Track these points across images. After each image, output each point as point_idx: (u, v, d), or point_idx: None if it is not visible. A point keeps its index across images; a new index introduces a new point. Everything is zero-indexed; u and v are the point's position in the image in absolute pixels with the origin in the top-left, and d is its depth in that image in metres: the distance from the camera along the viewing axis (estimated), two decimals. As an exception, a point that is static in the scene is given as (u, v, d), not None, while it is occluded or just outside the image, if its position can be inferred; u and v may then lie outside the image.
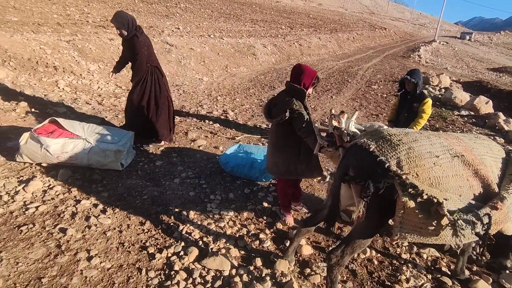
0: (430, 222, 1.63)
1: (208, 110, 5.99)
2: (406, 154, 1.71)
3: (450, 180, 1.72)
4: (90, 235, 2.44)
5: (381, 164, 1.68)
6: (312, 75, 2.52)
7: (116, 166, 3.36)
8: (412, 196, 1.59)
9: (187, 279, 2.16)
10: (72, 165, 3.27)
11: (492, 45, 41.13)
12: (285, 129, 2.56)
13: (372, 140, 1.82)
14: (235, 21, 19.91)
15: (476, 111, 7.19)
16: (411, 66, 16.77)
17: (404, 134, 1.85)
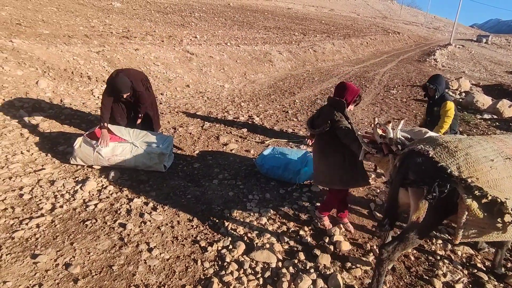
0: (494, 221, 1.78)
1: (234, 115, 6.23)
2: (465, 160, 1.85)
3: (506, 181, 1.85)
4: (147, 229, 2.67)
5: (442, 169, 1.82)
6: (355, 93, 2.71)
7: (160, 167, 3.60)
8: (476, 198, 1.73)
9: (239, 269, 2.35)
10: (120, 167, 3.53)
11: (510, 47, 40.25)
12: (329, 139, 2.71)
13: (430, 146, 1.96)
14: (249, 29, 20.31)
15: (499, 115, 7.17)
16: (428, 70, 16.69)
17: (458, 141, 1.99)
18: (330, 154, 2.78)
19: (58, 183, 3.14)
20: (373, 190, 3.77)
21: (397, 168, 2.10)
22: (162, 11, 18.68)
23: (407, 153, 2.10)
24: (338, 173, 2.76)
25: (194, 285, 2.17)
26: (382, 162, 2.40)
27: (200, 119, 5.77)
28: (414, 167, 1.98)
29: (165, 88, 7.73)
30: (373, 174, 4.11)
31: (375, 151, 2.41)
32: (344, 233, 2.94)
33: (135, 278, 2.16)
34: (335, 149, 2.74)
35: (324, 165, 2.82)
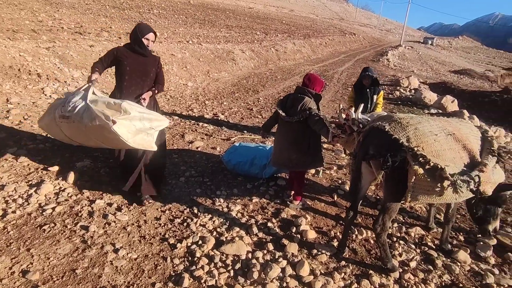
0: (436, 184, 2.08)
1: (199, 113, 6.17)
2: (414, 133, 2.18)
3: (447, 152, 2.18)
4: (112, 230, 2.58)
5: (395, 141, 2.13)
6: (321, 84, 3.13)
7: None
8: (421, 164, 2.04)
9: (209, 263, 2.36)
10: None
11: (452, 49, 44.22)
12: (299, 127, 3.01)
13: (386, 122, 2.28)
14: (211, 27, 20.12)
15: (444, 109, 7.89)
16: (381, 69, 17.79)
17: (410, 118, 2.34)
18: (299, 141, 3.06)
19: (9, 188, 2.90)
20: (335, 181, 3.97)
21: (360, 143, 2.37)
22: (118, 6, 17.80)
23: (368, 129, 2.43)
24: (303, 157, 3.07)
25: (165, 282, 2.15)
26: (348, 142, 2.69)
27: (163, 117, 5.63)
28: (373, 141, 2.25)
29: (125, 87, 7.41)
30: (335, 167, 4.33)
31: (339, 131, 2.81)
32: (310, 222, 3.07)
33: (101, 280, 2.08)
34: (304, 137, 3.04)
35: (293, 151, 3.07)
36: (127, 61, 2.87)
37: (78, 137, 2.92)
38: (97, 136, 2.71)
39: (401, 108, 8.28)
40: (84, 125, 2.62)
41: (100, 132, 2.61)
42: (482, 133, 2.62)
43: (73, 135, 2.91)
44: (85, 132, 2.73)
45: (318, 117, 2.89)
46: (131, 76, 2.92)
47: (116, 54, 2.87)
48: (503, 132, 6.52)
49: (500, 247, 2.94)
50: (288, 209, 3.23)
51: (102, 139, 2.72)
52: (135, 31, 2.89)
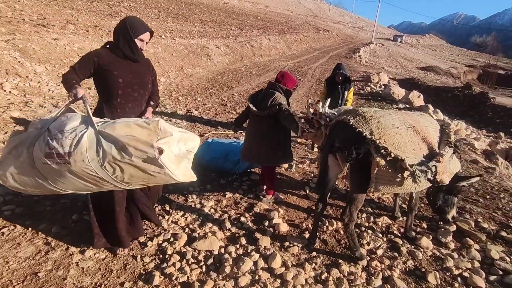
0: (396, 175, 2.18)
1: (172, 109, 6.05)
2: (376, 126, 2.26)
3: (407, 144, 2.29)
4: (77, 230, 2.48)
5: (359, 134, 2.21)
6: (294, 82, 3.20)
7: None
8: (383, 156, 2.14)
9: (181, 260, 2.34)
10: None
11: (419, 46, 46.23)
12: (269, 122, 3.04)
13: (351, 116, 2.36)
14: (185, 22, 19.73)
15: (411, 104, 8.27)
16: (354, 65, 18.28)
17: (373, 112, 2.43)
18: (269, 136, 3.09)
19: (-37, 190, 2.71)
20: (307, 175, 4.05)
21: (326, 137, 2.44)
22: (85, -2, 16.97)
23: (334, 123, 2.51)
24: (273, 153, 3.11)
25: (134, 281, 2.10)
26: (317, 136, 2.76)
27: (134, 114, 5.47)
28: (339, 134, 2.32)
29: (93, 82, 7.10)
30: (307, 161, 4.41)
31: (307, 126, 2.86)
32: (283, 215, 3.12)
33: (66, 282, 2.00)
34: (274, 132, 3.07)
35: (263, 145, 3.10)
36: (117, 70, 2.09)
37: (78, 184, 1.82)
38: (121, 177, 1.78)
39: (371, 103, 8.57)
40: (100, 164, 1.70)
41: (129, 170, 1.74)
42: (441, 126, 2.78)
43: (71, 183, 1.80)
44: (96, 175, 1.75)
45: (288, 112, 2.93)
46: (125, 90, 2.15)
47: (97, 61, 2.04)
48: (464, 125, 6.94)
49: (459, 233, 3.13)
50: (261, 203, 3.26)
51: (130, 179, 1.80)
52: (124, 28, 2.10)
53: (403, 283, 2.35)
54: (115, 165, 1.71)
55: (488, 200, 3.81)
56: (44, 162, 1.72)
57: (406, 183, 2.24)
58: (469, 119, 9.59)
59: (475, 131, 7.99)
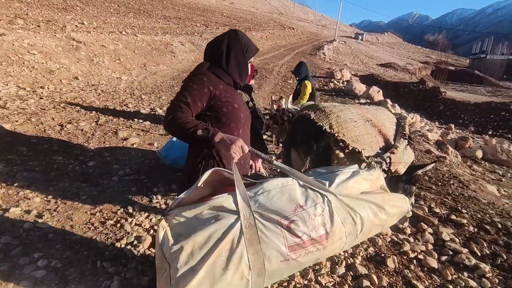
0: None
1: (134, 109, 5.83)
2: (336, 120, 2.35)
3: (365, 137, 2.41)
4: (30, 240, 2.31)
5: (319, 128, 2.27)
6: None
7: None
8: (341, 148, 2.23)
9: (145, 263, 2.27)
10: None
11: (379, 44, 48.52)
12: None
13: (311, 111, 2.39)
14: (147, 17, 19.06)
15: (371, 99, 8.67)
16: (318, 62, 18.79)
17: (333, 106, 2.53)
18: None
19: None
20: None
21: (289, 131, 2.50)
22: (35, -10, 15.76)
23: (296, 118, 2.57)
24: None
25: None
26: (281, 132, 2.81)
27: (94, 114, 5.19)
28: (300, 129, 2.37)
29: (46, 81, 6.65)
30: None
31: (271, 122, 2.90)
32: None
33: (17, 295, 1.86)
34: None
35: None
36: (236, 102, 1.61)
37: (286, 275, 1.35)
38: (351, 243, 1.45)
39: (334, 98, 8.86)
40: (356, 235, 1.36)
41: (373, 231, 1.49)
42: (397, 119, 2.95)
43: (284, 275, 1.32)
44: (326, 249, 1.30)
45: (251, 109, 2.95)
46: (244, 126, 1.69)
47: (214, 91, 1.51)
48: (419, 118, 7.41)
49: (414, 218, 3.35)
50: (228, 200, 3.25)
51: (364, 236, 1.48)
52: (239, 47, 1.61)
53: (365, 269, 2.47)
54: (368, 231, 1.39)
55: (439, 186, 4.11)
56: (284, 258, 1.17)
57: None
58: (424, 112, 10.26)
59: (429, 123, 8.57)
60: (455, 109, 9.88)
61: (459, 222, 3.24)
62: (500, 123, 8.71)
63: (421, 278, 2.45)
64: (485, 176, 5.19)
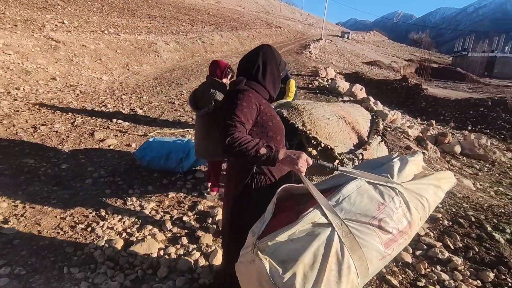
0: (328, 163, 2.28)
1: (113, 109, 5.71)
2: (308, 118, 2.37)
3: (338, 134, 2.44)
4: (-7, 247, 2.23)
5: (292, 126, 2.25)
6: (223, 67, 3.01)
7: None
8: (314, 146, 2.24)
9: (114, 267, 2.22)
10: None
11: (365, 42, 49.12)
12: (211, 118, 2.95)
13: (284, 109, 2.37)
14: (131, 17, 18.77)
15: (354, 96, 8.75)
16: (304, 61, 18.85)
17: (306, 104, 2.51)
18: (213, 132, 2.99)
19: None
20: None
21: None
22: (13, -11, 15.31)
23: None
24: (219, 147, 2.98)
25: (59, 295, 1.94)
26: None
27: (70, 115, 5.06)
28: None
29: (22, 82, 6.45)
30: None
31: None
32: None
33: (-25, 306, 1.79)
34: (216, 127, 2.96)
35: (209, 140, 3.02)
36: (277, 115, 1.64)
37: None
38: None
39: (318, 96, 8.90)
40: (425, 217, 1.42)
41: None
42: (372, 116, 2.98)
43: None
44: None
45: None
46: (284, 142, 1.71)
47: (259, 107, 1.50)
48: (400, 115, 7.52)
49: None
50: (205, 200, 3.21)
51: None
52: (275, 62, 1.60)
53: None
54: (432, 209, 1.46)
55: (417, 182, 4.16)
56: (382, 256, 1.20)
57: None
58: (406, 109, 10.42)
59: (411, 120, 8.72)
60: (436, 105, 10.08)
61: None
62: (479, 119, 8.94)
63: (395, 273, 2.47)
64: (463, 170, 5.31)
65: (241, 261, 1.21)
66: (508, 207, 3.63)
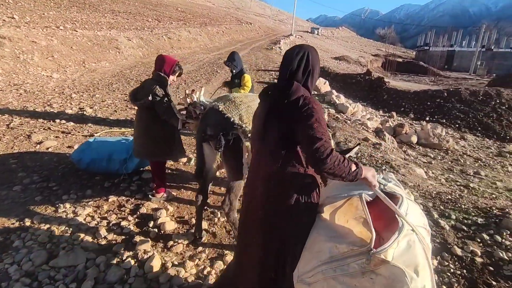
0: None
1: (59, 109, 5.30)
2: (245, 111, 2.20)
3: None
4: None
5: (228, 120, 2.11)
6: (172, 63, 2.83)
7: None
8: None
9: (31, 284, 1.98)
10: None
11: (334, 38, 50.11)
12: (150, 113, 2.79)
13: (221, 102, 2.26)
14: (92, 12, 17.83)
15: (318, 90, 8.78)
16: (273, 56, 18.83)
17: (244, 97, 2.37)
18: (152, 128, 2.86)
19: None
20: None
21: (199, 125, 2.33)
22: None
23: (206, 111, 2.40)
24: (158, 146, 2.88)
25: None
26: (197, 127, 2.66)
27: (6, 116, 4.62)
28: (209, 122, 2.21)
29: (-46, 81, 5.83)
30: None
31: (185, 116, 2.71)
32: (172, 213, 2.93)
33: None
34: (157, 123, 2.83)
35: (146, 138, 2.88)
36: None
37: None
38: None
39: (283, 91, 8.85)
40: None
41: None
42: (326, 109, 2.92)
43: None
44: None
45: (165, 104, 2.73)
46: None
47: None
48: (361, 107, 7.64)
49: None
50: (149, 203, 3.02)
51: None
52: (319, 62, 1.62)
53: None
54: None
55: (372, 173, 4.19)
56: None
57: None
58: (370, 102, 10.66)
59: (373, 112, 8.91)
60: (397, 97, 10.38)
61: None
62: (436, 109, 9.31)
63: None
64: (418, 160, 5.45)
65: (345, 273, 1.20)
66: (455, 193, 3.74)
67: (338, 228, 1.34)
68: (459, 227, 3.00)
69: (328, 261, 1.23)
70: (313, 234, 1.37)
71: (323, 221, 1.40)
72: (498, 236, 2.90)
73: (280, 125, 1.36)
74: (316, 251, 1.29)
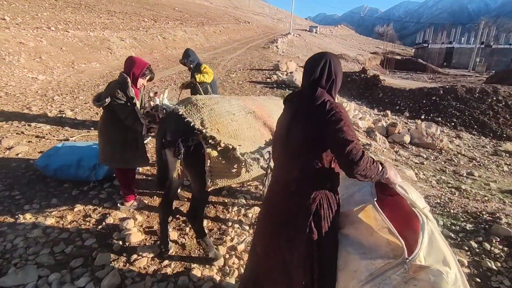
0: (232, 165, 2.03)
1: (38, 112, 5.13)
2: (208, 114, 2.02)
3: (245, 131, 2.14)
4: None
5: (188, 124, 1.94)
6: (142, 66, 2.66)
7: None
8: (213, 146, 1.94)
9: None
10: None
11: (332, 36, 49.83)
12: (111, 116, 2.63)
13: (182, 105, 2.07)
14: (87, 12, 17.67)
15: (310, 90, 8.60)
16: (270, 55, 18.63)
17: (208, 99, 2.18)
18: (112, 132, 2.70)
19: None
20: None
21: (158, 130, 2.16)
22: None
23: (166, 114, 2.25)
24: (119, 152, 2.70)
25: None
26: None
27: (-21, 121, 4.46)
28: (169, 127, 2.04)
29: None
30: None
31: (148, 121, 2.53)
32: (141, 223, 2.76)
33: None
34: (117, 127, 2.66)
35: (107, 143, 2.72)
36: None
37: None
38: None
39: (274, 91, 8.68)
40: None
41: None
42: None
43: None
44: None
45: (126, 110, 2.55)
46: None
47: None
48: (353, 106, 7.45)
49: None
50: (117, 212, 2.84)
51: None
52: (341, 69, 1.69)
53: (253, 279, 2.21)
54: None
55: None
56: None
57: (242, 174, 2.10)
58: (365, 100, 10.47)
59: (367, 111, 8.72)
60: (392, 96, 10.18)
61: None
62: (432, 108, 9.11)
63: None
64: (409, 160, 5.27)
65: (389, 287, 1.22)
66: (445, 197, 3.56)
67: (365, 243, 1.34)
68: (446, 234, 2.82)
69: (370, 279, 1.24)
70: (342, 253, 1.38)
71: (346, 237, 1.41)
72: (487, 243, 2.73)
73: (306, 129, 1.35)
74: (353, 271, 1.30)
